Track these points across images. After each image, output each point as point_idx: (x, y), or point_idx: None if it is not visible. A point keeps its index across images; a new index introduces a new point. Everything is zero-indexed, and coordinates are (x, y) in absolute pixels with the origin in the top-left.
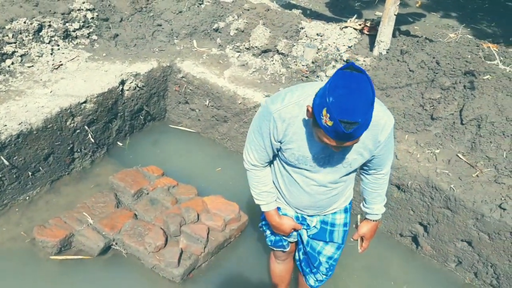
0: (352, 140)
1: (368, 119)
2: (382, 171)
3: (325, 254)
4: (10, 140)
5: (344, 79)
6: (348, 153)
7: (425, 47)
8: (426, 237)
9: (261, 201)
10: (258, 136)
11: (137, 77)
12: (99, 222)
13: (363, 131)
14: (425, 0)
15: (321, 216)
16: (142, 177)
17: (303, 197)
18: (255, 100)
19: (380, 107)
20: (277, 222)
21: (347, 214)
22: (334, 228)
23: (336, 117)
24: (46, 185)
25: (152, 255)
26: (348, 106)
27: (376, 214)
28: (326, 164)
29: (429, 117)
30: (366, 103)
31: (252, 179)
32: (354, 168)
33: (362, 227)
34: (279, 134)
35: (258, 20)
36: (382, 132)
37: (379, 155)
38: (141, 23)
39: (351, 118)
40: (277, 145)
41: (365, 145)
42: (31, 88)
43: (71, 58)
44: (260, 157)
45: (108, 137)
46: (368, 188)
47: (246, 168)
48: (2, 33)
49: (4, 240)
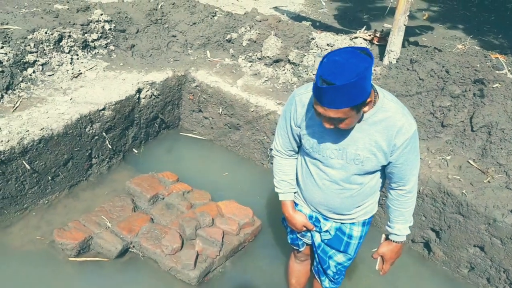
0: (330, 107)
1: (348, 88)
2: (404, 186)
3: (335, 260)
4: (32, 145)
5: (347, 53)
6: (360, 150)
7: (434, 56)
8: (438, 243)
9: (279, 189)
10: (283, 120)
11: (153, 86)
12: (117, 225)
13: (341, 101)
14: (432, 13)
15: (337, 223)
16: (158, 182)
17: (315, 191)
18: (267, 108)
19: (402, 110)
20: (290, 214)
21: (364, 228)
22: (351, 240)
23: (319, 73)
24: (65, 189)
25: (168, 258)
26: (333, 69)
27: (397, 234)
28: (339, 158)
29: (440, 124)
30: (351, 73)
31: (275, 166)
32: (366, 168)
33: (382, 246)
34: (298, 118)
35: (270, 31)
36: (398, 135)
37: (398, 164)
38: (157, 34)
39: (329, 77)
40: (297, 130)
41: (379, 145)
42: (52, 96)
43: (89, 67)
44: (284, 143)
45: (125, 144)
46: (391, 205)
47: (272, 154)
48: (24, 43)
49: (24, 243)
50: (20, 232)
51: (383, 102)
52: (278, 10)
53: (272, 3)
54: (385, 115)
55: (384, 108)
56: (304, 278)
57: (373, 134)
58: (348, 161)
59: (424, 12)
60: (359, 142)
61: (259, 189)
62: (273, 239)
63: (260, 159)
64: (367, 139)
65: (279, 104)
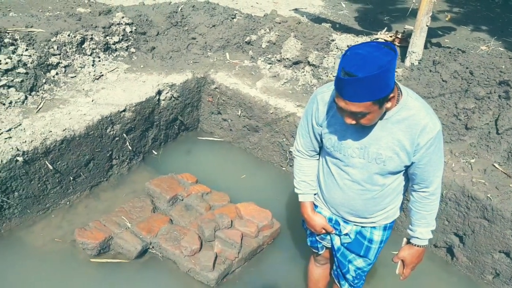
0: (352, 100)
1: (370, 80)
2: (427, 188)
3: (355, 265)
4: (55, 146)
5: (371, 47)
6: (382, 149)
7: (458, 57)
8: (461, 248)
9: (299, 190)
10: (304, 120)
11: (172, 88)
12: (136, 225)
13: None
14: (454, 14)
15: (358, 227)
16: (177, 183)
17: (336, 191)
18: (286, 109)
19: (426, 109)
20: (309, 216)
21: (385, 232)
22: (372, 244)
23: (341, 65)
24: (86, 190)
25: (187, 259)
26: (356, 61)
27: (419, 238)
28: (360, 157)
29: (463, 126)
30: (374, 65)
31: (296, 166)
32: (388, 168)
33: (403, 250)
34: (320, 116)
35: (289, 32)
36: (422, 134)
37: (421, 165)
38: (177, 37)
39: (351, 69)
40: (318, 129)
41: (401, 144)
42: (74, 97)
43: (111, 69)
44: (305, 142)
45: (144, 145)
46: (413, 207)
47: (293, 154)
48: (48, 45)
49: (45, 242)
50: (42, 231)
51: (407, 100)
52: (298, 12)
53: (292, 5)
54: (409, 113)
55: (408, 106)
56: (324, 282)
57: (396, 133)
58: (369, 160)
59: (446, 13)
60: (382, 141)
61: (278, 191)
62: (292, 242)
63: (279, 162)
64: (389, 138)
65: (299, 106)
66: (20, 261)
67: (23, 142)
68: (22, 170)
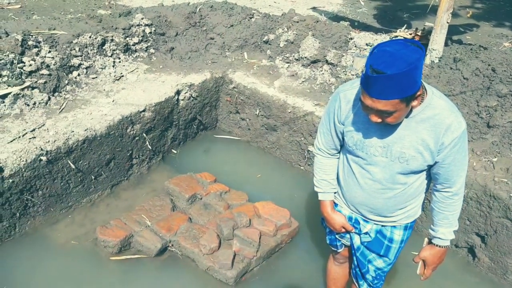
0: (379, 98)
1: (399, 78)
2: (451, 188)
3: (375, 265)
4: (77, 145)
5: (398, 44)
6: (406, 148)
7: (479, 54)
8: (483, 248)
9: (319, 189)
10: (326, 118)
11: (191, 88)
12: (156, 224)
13: (392, 92)
14: (476, 10)
15: (378, 226)
16: (196, 183)
17: (357, 190)
18: (305, 109)
19: (451, 108)
20: (328, 214)
21: (406, 232)
22: (392, 244)
23: (368, 62)
24: (107, 189)
25: (206, 257)
26: (384, 59)
27: (440, 238)
28: (383, 155)
29: (485, 125)
30: (403, 62)
31: (316, 164)
32: (411, 167)
33: (424, 250)
34: (342, 114)
35: (307, 31)
36: (447, 133)
37: (445, 164)
38: (195, 37)
39: (379, 66)
40: (340, 128)
41: (426, 143)
42: (95, 98)
43: (131, 70)
44: (326, 141)
45: (164, 145)
46: (435, 207)
47: (314, 152)
48: (70, 47)
49: (68, 240)
50: (65, 229)
51: (432, 99)
52: (316, 10)
53: (310, 4)
54: (434, 112)
55: (433, 105)
56: (342, 281)
57: (420, 132)
58: (392, 159)
59: (467, 9)
60: (405, 139)
61: (296, 190)
62: (311, 241)
63: (297, 161)
64: (414, 136)
65: (317, 105)
66: (45, 257)
67: (47, 142)
68: (46, 169)
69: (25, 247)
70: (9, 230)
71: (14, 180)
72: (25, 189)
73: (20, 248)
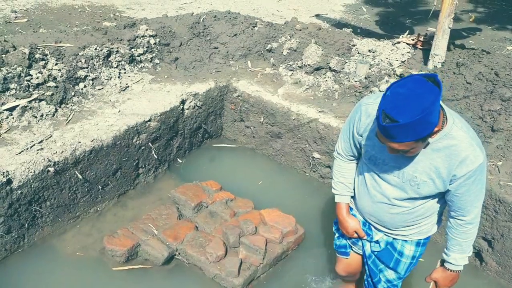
0: (394, 141)
1: (413, 125)
2: (464, 217)
3: (385, 275)
4: (84, 156)
5: (414, 82)
6: (418, 172)
7: (482, 59)
8: (490, 252)
9: (336, 191)
10: (347, 125)
11: (196, 97)
12: (163, 232)
13: (406, 136)
14: (478, 14)
15: (389, 237)
16: (202, 191)
17: (366, 200)
18: (309, 116)
19: (470, 140)
20: (343, 217)
21: (418, 248)
22: (402, 258)
23: (381, 107)
24: (114, 198)
25: (213, 265)
26: (397, 103)
27: (452, 263)
28: (395, 175)
29: (490, 129)
30: (416, 109)
31: (335, 167)
32: (422, 193)
33: (436, 272)
34: (361, 127)
35: (310, 39)
36: (461, 165)
37: (458, 194)
38: (199, 47)
39: (392, 112)
40: (358, 139)
41: (438, 172)
42: (102, 108)
43: (136, 81)
44: (345, 147)
45: (169, 154)
46: (449, 232)
47: (334, 155)
48: (76, 59)
49: (76, 250)
50: (72, 239)
51: (452, 129)
52: (319, 18)
53: (312, 12)
54: (451, 142)
55: (451, 135)
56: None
57: (434, 159)
58: (404, 181)
59: (470, 13)
60: (419, 164)
61: (302, 197)
62: (317, 247)
63: (302, 167)
64: (427, 162)
65: (321, 112)
66: (53, 268)
67: (54, 153)
68: (54, 180)
69: (33, 258)
70: (18, 241)
71: (22, 191)
72: (33, 200)
73: (29, 259)
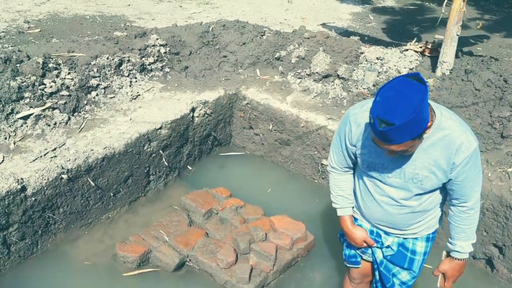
0: (393, 144)
1: (408, 125)
2: (465, 203)
3: (400, 278)
4: (96, 163)
5: (399, 84)
6: (418, 169)
7: (491, 65)
8: (502, 259)
9: (337, 205)
10: (338, 138)
11: (205, 105)
12: (174, 239)
13: (403, 137)
14: (486, 22)
15: (400, 239)
16: (212, 198)
17: (375, 208)
18: (317, 123)
19: (460, 127)
20: (349, 229)
21: (428, 243)
22: (415, 256)
23: (374, 113)
24: (125, 205)
25: (224, 271)
26: (389, 107)
27: (459, 251)
28: (397, 177)
29: (499, 135)
30: (408, 109)
31: (331, 182)
32: (426, 188)
33: (444, 264)
34: (353, 137)
35: (318, 47)
36: (458, 153)
37: (458, 181)
38: (208, 56)
39: (386, 116)
40: (352, 149)
41: (438, 164)
42: (113, 117)
43: (147, 89)
44: (339, 160)
45: (180, 161)
46: (452, 221)
47: (328, 170)
48: (88, 68)
49: (88, 256)
50: (85, 245)
51: (441, 120)
52: (326, 26)
53: (320, 20)
54: (444, 133)
55: (442, 126)
56: None
57: (432, 153)
58: (406, 180)
59: (478, 21)
60: (418, 161)
61: (311, 204)
62: (327, 253)
63: (311, 174)
64: (425, 157)
65: (329, 119)
66: (65, 274)
67: (67, 160)
68: (67, 187)
69: (46, 264)
70: (32, 247)
71: (36, 198)
72: (46, 207)
73: (42, 265)
